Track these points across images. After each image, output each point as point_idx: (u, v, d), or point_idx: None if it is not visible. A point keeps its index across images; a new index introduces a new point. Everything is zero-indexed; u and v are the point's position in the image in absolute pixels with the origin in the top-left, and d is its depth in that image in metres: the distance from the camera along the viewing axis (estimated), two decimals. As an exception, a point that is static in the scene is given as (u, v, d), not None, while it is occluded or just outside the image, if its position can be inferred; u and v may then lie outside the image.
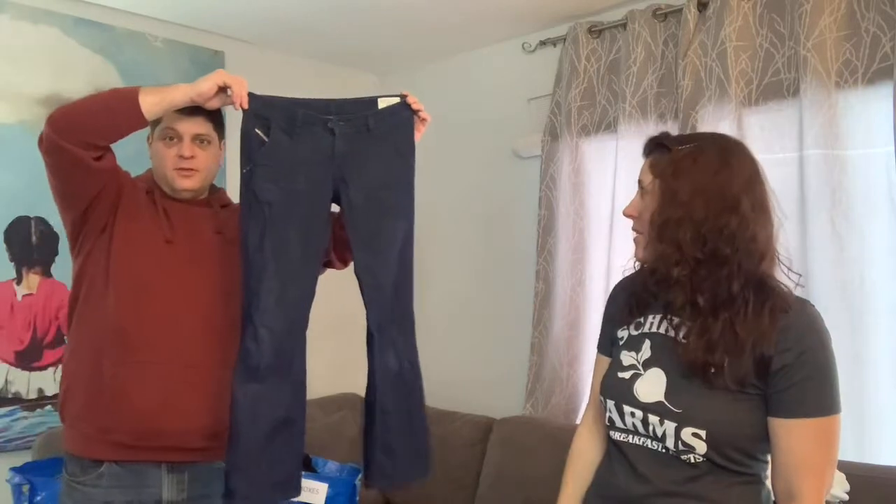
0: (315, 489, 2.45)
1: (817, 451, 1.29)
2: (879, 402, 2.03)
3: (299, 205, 1.67)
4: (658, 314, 1.41)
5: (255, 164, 1.66)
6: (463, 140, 3.20)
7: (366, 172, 1.70)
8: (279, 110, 1.67)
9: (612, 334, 1.51)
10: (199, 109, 1.73)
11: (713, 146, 1.37)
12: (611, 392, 1.42)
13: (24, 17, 2.48)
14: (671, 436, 1.30)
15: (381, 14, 2.76)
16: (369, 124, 1.71)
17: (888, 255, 2.02)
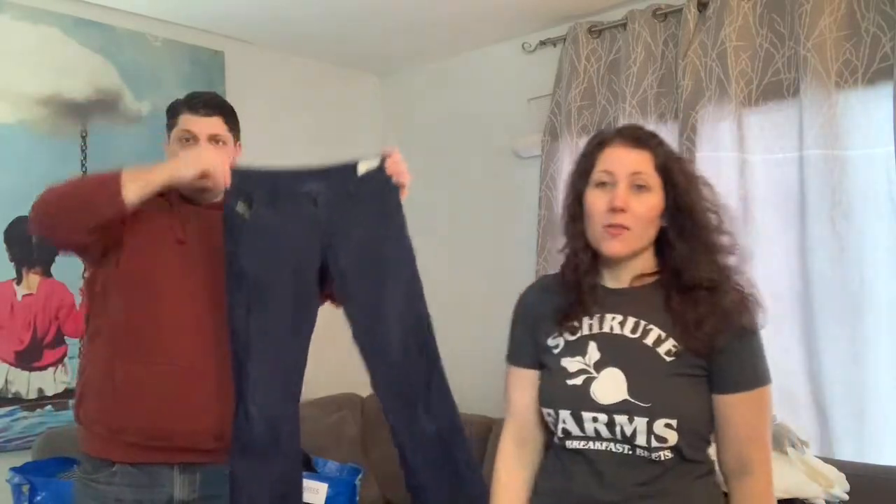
0: (315, 489, 2.45)
1: (762, 420, 1.36)
2: (879, 402, 2.04)
3: (286, 277, 1.66)
4: (595, 315, 1.40)
5: (238, 242, 1.65)
6: (463, 140, 3.20)
7: (354, 235, 1.68)
8: (260, 183, 1.66)
9: (539, 343, 1.45)
10: (215, 108, 1.76)
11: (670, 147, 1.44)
12: (562, 402, 1.37)
13: (24, 17, 2.48)
14: (643, 432, 1.30)
15: (381, 14, 2.76)
16: (350, 190, 1.69)
17: (888, 255, 2.03)
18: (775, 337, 2.21)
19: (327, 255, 1.68)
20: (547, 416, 1.40)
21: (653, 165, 1.37)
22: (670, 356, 1.33)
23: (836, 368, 2.06)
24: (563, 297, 1.43)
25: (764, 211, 2.23)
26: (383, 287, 1.70)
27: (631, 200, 1.34)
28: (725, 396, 1.33)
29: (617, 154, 1.38)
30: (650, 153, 1.38)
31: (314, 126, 3.30)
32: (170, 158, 1.76)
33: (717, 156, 2.30)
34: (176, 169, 1.62)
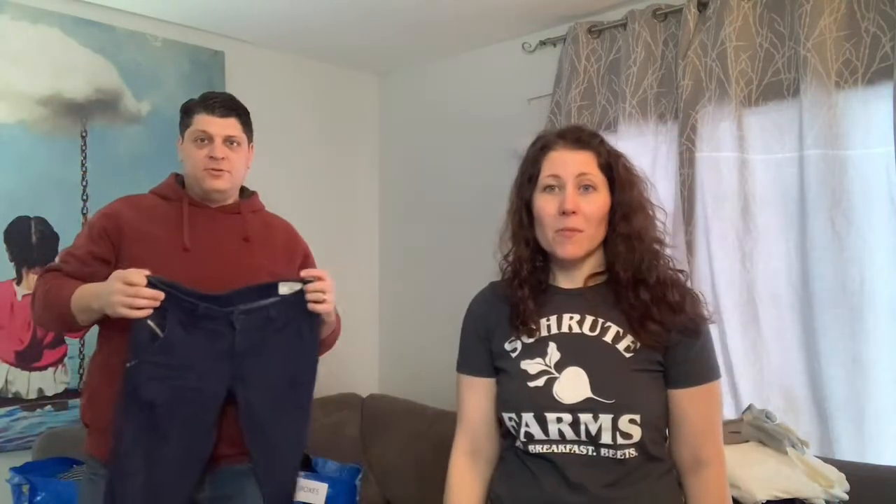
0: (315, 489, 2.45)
1: (715, 414, 1.40)
2: (879, 402, 2.03)
3: (186, 406, 1.59)
4: (552, 315, 1.40)
5: (142, 360, 1.56)
6: (463, 140, 3.20)
7: (267, 368, 1.65)
8: (179, 301, 1.58)
9: (493, 351, 1.45)
10: (231, 110, 1.78)
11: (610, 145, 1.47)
12: (525, 405, 1.36)
13: (24, 17, 2.48)
14: (608, 429, 1.31)
15: (381, 14, 2.76)
16: (271, 314, 1.66)
17: (888, 255, 2.02)
18: (775, 337, 2.21)
19: (236, 386, 1.63)
20: (509, 420, 1.39)
21: (597, 165, 1.39)
22: (629, 352, 1.35)
23: (836, 368, 2.06)
24: (516, 300, 1.43)
25: (764, 211, 2.23)
26: (284, 419, 1.69)
27: (580, 202, 1.35)
28: (680, 391, 1.36)
29: (562, 157, 1.39)
30: (593, 153, 1.40)
31: (314, 126, 3.31)
32: (183, 159, 1.79)
33: (717, 156, 2.30)
34: (102, 307, 1.56)
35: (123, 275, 1.54)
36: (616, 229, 1.38)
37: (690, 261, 2.34)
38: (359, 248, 3.48)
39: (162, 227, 1.74)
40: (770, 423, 1.96)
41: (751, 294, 2.24)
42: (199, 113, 1.77)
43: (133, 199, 1.83)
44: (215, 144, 1.74)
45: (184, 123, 1.81)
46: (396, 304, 3.50)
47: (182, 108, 1.83)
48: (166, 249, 1.71)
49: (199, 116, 1.76)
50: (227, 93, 1.88)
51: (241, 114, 1.81)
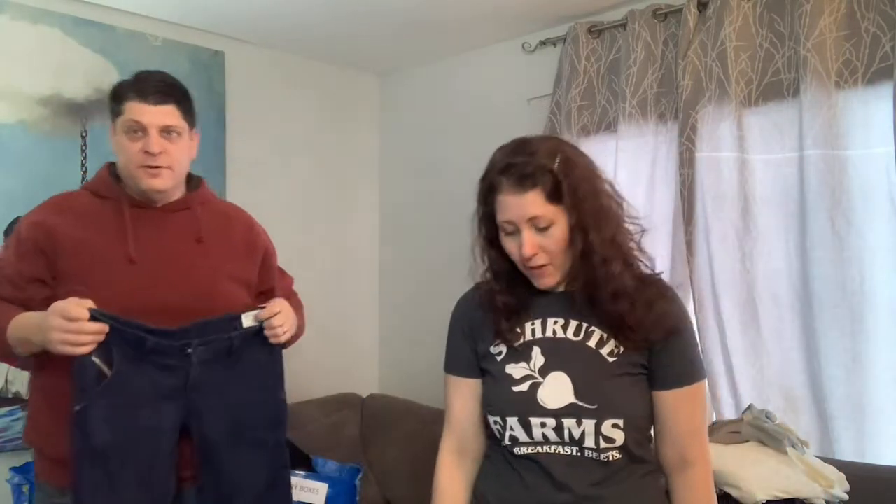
0: (315, 489, 2.45)
1: (700, 414, 1.40)
2: (879, 402, 2.03)
3: (144, 447, 1.47)
4: (537, 319, 1.39)
5: (90, 402, 1.43)
6: (463, 140, 3.20)
7: (226, 398, 1.53)
8: (125, 336, 1.44)
9: (479, 352, 1.45)
10: (167, 95, 1.55)
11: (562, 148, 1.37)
12: (510, 408, 1.36)
13: (24, 17, 2.48)
14: (591, 434, 1.31)
15: (381, 14, 2.76)
16: (233, 345, 1.53)
17: (888, 255, 2.02)
18: (775, 337, 2.21)
19: (191, 422, 1.52)
20: (494, 423, 1.40)
21: (545, 199, 1.31)
22: (612, 356, 1.35)
23: (836, 368, 2.06)
24: (500, 303, 1.41)
25: (764, 211, 2.23)
26: (247, 457, 1.56)
27: (538, 242, 1.32)
28: (665, 392, 1.36)
29: (508, 203, 1.33)
30: (539, 190, 1.31)
31: (314, 126, 3.31)
32: (116, 152, 1.59)
33: (717, 156, 2.30)
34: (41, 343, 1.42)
35: (62, 308, 1.38)
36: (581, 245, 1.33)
37: (690, 261, 2.34)
38: (359, 248, 3.48)
39: (102, 235, 1.54)
40: (770, 423, 1.96)
41: (751, 294, 2.24)
42: (131, 99, 1.55)
43: (63, 202, 1.62)
44: (150, 137, 1.53)
45: (114, 110, 1.58)
46: (396, 305, 3.50)
47: (111, 91, 1.61)
48: (110, 262, 1.52)
49: (131, 104, 1.54)
50: (163, 73, 1.63)
51: (181, 98, 1.58)
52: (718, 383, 2.29)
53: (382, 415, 3.08)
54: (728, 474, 1.82)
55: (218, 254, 1.64)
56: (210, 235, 1.64)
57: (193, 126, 1.64)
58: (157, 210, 1.61)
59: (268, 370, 1.60)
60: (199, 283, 1.58)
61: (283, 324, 1.58)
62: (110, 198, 1.59)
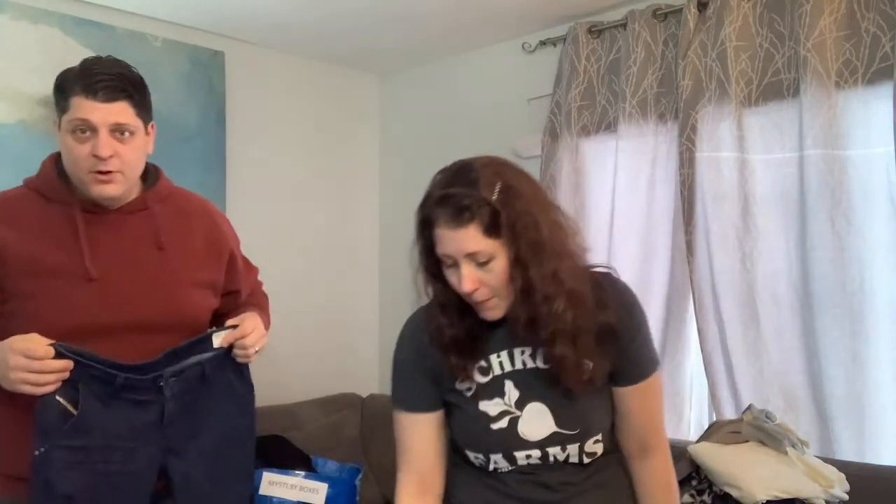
0: (315, 489, 2.45)
1: (657, 403, 1.40)
2: (879, 402, 2.03)
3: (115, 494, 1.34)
4: (502, 350, 1.33)
5: (53, 445, 1.27)
6: (463, 140, 3.19)
7: (202, 436, 1.42)
8: (93, 372, 1.31)
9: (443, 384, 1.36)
10: (118, 91, 1.37)
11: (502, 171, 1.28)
12: (493, 447, 1.32)
13: (24, 17, 2.48)
14: (575, 455, 1.32)
15: (382, 14, 2.76)
16: (205, 372, 1.42)
17: (888, 255, 2.02)
18: (775, 337, 2.21)
19: (169, 461, 1.39)
20: (475, 458, 1.35)
21: (482, 234, 1.24)
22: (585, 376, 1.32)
23: (836, 368, 2.06)
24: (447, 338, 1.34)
25: (764, 211, 2.23)
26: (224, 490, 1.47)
27: (479, 276, 1.25)
28: (623, 389, 1.36)
29: (445, 237, 1.27)
30: (476, 224, 1.23)
31: (314, 126, 3.31)
32: (62, 151, 1.41)
33: (717, 156, 2.30)
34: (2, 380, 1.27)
35: (24, 347, 1.24)
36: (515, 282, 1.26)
37: (690, 261, 2.34)
38: (359, 248, 3.48)
39: (54, 248, 1.37)
40: (770, 423, 1.96)
41: (751, 294, 2.24)
42: (77, 94, 1.36)
43: (8, 208, 1.42)
44: (100, 138, 1.34)
45: (59, 105, 1.39)
46: (396, 304, 3.49)
47: (56, 81, 1.43)
48: (66, 280, 1.36)
49: (78, 100, 1.35)
50: (114, 62, 1.44)
51: (134, 93, 1.39)
52: (718, 383, 2.29)
53: (382, 415, 3.07)
54: (728, 474, 1.82)
55: (181, 259, 1.49)
56: (171, 239, 1.49)
57: (150, 120, 1.46)
58: (111, 214, 1.44)
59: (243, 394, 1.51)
60: (165, 294, 1.45)
61: (254, 344, 1.47)
62: (59, 201, 1.41)
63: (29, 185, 1.47)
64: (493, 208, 1.23)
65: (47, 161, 1.48)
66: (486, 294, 1.27)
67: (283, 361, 2.36)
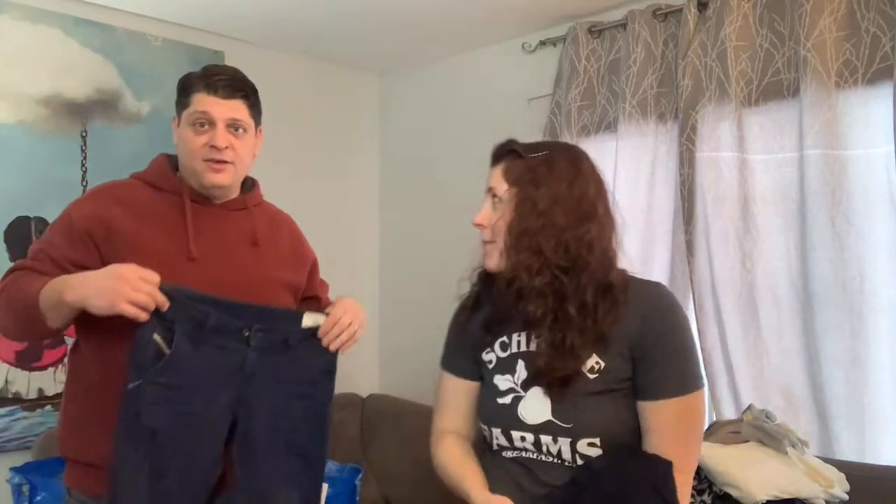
0: (315, 489, 2.44)
1: (683, 428, 1.32)
2: (879, 402, 2.03)
3: (193, 434, 1.40)
4: (521, 331, 1.39)
5: (146, 381, 1.36)
6: (463, 140, 3.20)
7: (274, 399, 1.45)
8: (188, 311, 1.38)
9: (473, 357, 1.46)
10: (237, 90, 1.52)
11: (564, 155, 1.40)
12: (494, 420, 1.38)
13: (24, 18, 2.48)
14: (567, 451, 1.31)
15: (382, 14, 2.76)
16: (290, 340, 1.46)
17: (888, 255, 2.02)
18: (775, 337, 2.21)
19: (239, 413, 1.43)
20: (483, 430, 1.43)
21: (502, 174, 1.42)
22: (593, 373, 1.32)
23: (836, 368, 2.06)
24: (489, 310, 1.43)
25: (764, 211, 2.23)
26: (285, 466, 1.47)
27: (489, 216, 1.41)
28: (643, 403, 1.32)
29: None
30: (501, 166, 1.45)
31: (314, 126, 3.31)
32: (178, 144, 1.55)
33: (717, 156, 2.30)
34: (85, 298, 1.32)
35: (138, 269, 1.33)
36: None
37: (690, 261, 2.34)
38: (359, 248, 3.48)
39: (160, 230, 1.50)
40: (770, 423, 1.96)
41: (751, 294, 2.24)
42: (199, 91, 1.50)
43: (119, 191, 1.55)
44: (217, 130, 1.49)
45: (180, 102, 1.54)
46: (396, 304, 3.49)
47: (180, 82, 1.57)
48: (168, 258, 1.46)
49: (199, 96, 1.50)
50: (232, 68, 1.60)
51: (250, 94, 1.56)
52: (718, 383, 2.29)
53: (382, 415, 3.08)
54: (728, 474, 1.82)
55: (271, 257, 1.61)
56: (264, 239, 1.61)
57: (259, 124, 1.61)
58: (215, 207, 1.57)
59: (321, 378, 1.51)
60: (255, 284, 1.54)
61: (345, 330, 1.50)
62: (168, 191, 1.54)
63: (136, 176, 1.59)
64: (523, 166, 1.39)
65: (158, 158, 1.62)
66: (489, 235, 1.40)
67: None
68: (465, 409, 1.49)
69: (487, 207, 1.40)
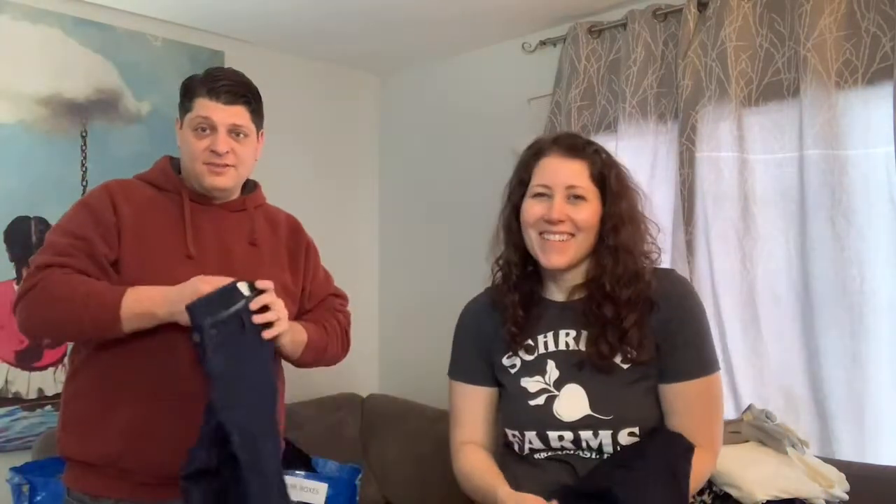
0: (315, 489, 2.45)
1: (707, 407, 1.38)
2: (879, 402, 2.03)
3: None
4: (549, 332, 1.40)
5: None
6: (463, 140, 3.19)
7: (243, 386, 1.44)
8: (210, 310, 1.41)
9: (490, 362, 1.45)
10: (239, 96, 1.55)
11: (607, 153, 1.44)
12: (527, 423, 1.38)
13: (24, 17, 2.48)
14: (608, 444, 1.33)
15: (382, 14, 2.76)
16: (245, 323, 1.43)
17: (888, 255, 2.02)
18: (775, 337, 2.21)
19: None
20: (512, 437, 1.41)
21: (588, 175, 1.37)
22: (626, 363, 1.35)
23: (836, 368, 2.06)
24: (510, 313, 1.42)
25: (764, 211, 2.23)
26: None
27: (568, 210, 1.35)
28: (666, 386, 1.36)
29: (552, 165, 1.38)
30: (586, 162, 1.37)
31: (314, 126, 3.31)
32: (181, 146, 1.58)
33: (717, 156, 2.30)
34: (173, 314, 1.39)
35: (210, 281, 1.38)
36: (605, 241, 1.37)
37: (690, 261, 2.34)
38: (359, 248, 3.48)
39: (161, 227, 1.53)
40: (770, 423, 1.96)
41: (751, 294, 2.24)
42: (202, 96, 1.53)
43: (125, 188, 1.57)
44: (218, 135, 1.52)
45: (183, 106, 1.56)
46: (396, 304, 3.49)
47: (183, 85, 1.59)
48: (168, 255, 1.50)
49: (202, 101, 1.52)
50: (235, 72, 1.62)
51: (252, 99, 1.58)
52: (718, 383, 2.29)
53: (382, 415, 3.08)
54: (728, 474, 1.81)
55: (269, 258, 1.63)
56: (262, 239, 1.64)
57: (261, 128, 1.65)
58: (215, 208, 1.60)
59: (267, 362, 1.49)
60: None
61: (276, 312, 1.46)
62: (170, 190, 1.58)
63: (140, 177, 1.62)
64: (605, 162, 1.38)
65: (162, 159, 1.65)
66: (567, 229, 1.35)
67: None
68: (483, 417, 1.48)
69: (562, 203, 1.36)
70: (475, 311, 1.52)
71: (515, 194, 1.45)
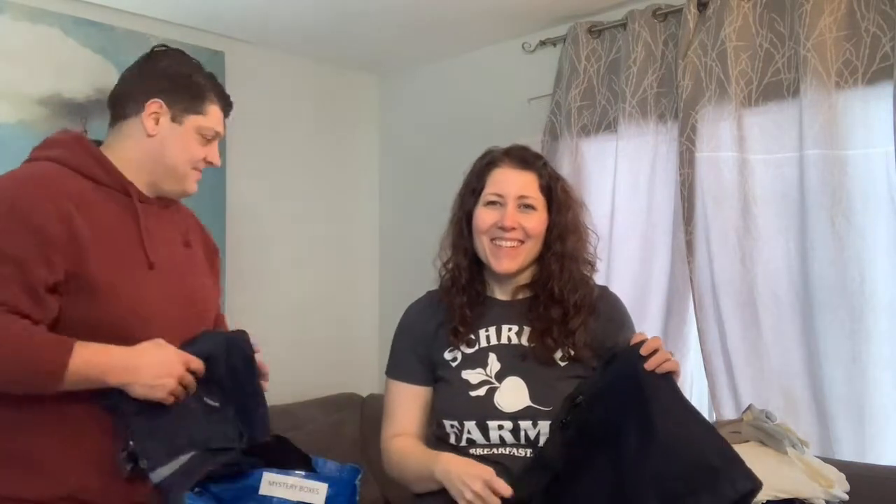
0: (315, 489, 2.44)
1: None
2: (879, 402, 2.03)
3: None
4: (491, 326, 1.47)
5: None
6: (463, 140, 3.19)
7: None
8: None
9: (433, 358, 1.50)
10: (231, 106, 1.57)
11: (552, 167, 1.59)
12: (467, 413, 1.42)
13: (24, 17, 2.48)
14: (545, 434, 1.37)
15: (382, 14, 2.76)
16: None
17: (888, 255, 2.02)
18: (775, 337, 2.21)
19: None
20: (450, 427, 1.44)
21: (538, 186, 1.48)
22: (564, 360, 1.43)
23: (836, 368, 2.06)
24: (454, 308, 1.49)
25: (764, 211, 2.23)
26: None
27: (519, 218, 1.45)
28: None
29: (504, 176, 1.49)
30: (535, 174, 1.50)
31: (314, 126, 3.31)
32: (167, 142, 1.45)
33: (717, 156, 2.30)
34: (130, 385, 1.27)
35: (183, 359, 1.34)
36: (551, 248, 1.47)
37: (690, 261, 2.34)
38: (359, 248, 3.48)
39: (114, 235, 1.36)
40: (770, 423, 1.96)
41: (751, 294, 2.24)
42: (214, 104, 1.48)
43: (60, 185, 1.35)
44: (215, 147, 1.50)
45: (190, 106, 1.46)
46: (396, 304, 3.48)
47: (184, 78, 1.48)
48: (130, 267, 1.36)
49: (215, 110, 1.48)
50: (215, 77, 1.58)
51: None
52: (718, 383, 2.29)
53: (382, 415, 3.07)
54: (728, 474, 1.81)
55: (200, 262, 1.57)
56: (194, 240, 1.56)
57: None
58: (154, 206, 1.46)
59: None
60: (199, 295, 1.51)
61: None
62: (110, 186, 1.40)
63: (61, 162, 1.39)
64: (551, 175, 1.51)
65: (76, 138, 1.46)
66: (518, 236, 1.45)
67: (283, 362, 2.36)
68: (415, 415, 1.53)
69: (515, 211, 1.45)
70: (416, 312, 1.59)
71: (468, 203, 1.54)
